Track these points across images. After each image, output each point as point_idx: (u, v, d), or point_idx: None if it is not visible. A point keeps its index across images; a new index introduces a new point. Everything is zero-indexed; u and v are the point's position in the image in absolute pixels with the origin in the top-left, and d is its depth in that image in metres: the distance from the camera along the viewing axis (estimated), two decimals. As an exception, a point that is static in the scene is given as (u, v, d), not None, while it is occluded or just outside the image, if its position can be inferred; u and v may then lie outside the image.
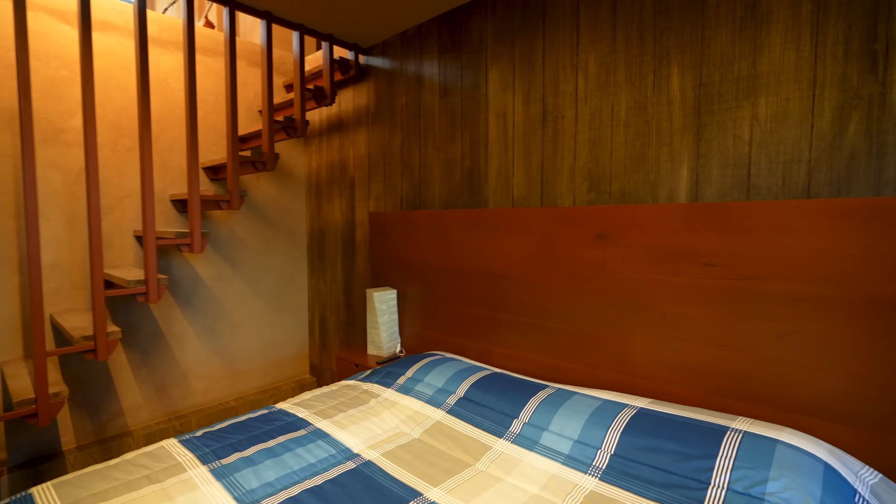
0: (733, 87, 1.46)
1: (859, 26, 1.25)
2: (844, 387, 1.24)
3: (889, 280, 1.17)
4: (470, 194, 2.21)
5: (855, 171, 1.27)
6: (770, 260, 1.33)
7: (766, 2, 1.38)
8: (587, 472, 1.16)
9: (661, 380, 1.55)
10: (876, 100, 1.23)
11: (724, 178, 1.49)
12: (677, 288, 1.51)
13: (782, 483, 0.99)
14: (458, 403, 1.52)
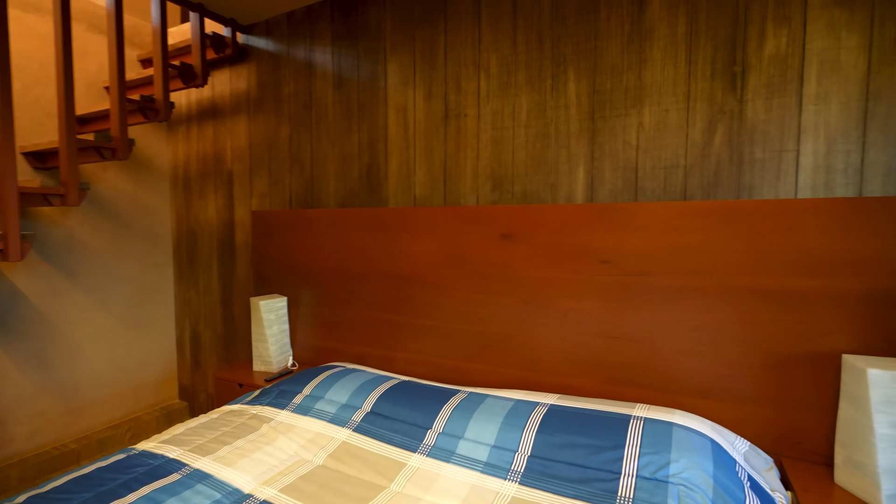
0: (622, 96, 1.56)
1: (723, 50, 1.42)
2: (716, 367, 1.39)
3: (748, 272, 1.34)
4: (369, 192, 2.08)
5: (720, 176, 1.44)
6: (657, 256, 1.45)
7: (649, 20, 1.50)
8: (507, 477, 1.13)
9: (565, 374, 1.60)
10: (735, 115, 1.41)
11: (615, 180, 1.59)
12: (578, 285, 1.57)
13: (682, 464, 1.07)
14: (365, 419, 1.39)
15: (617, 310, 1.51)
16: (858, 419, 1.13)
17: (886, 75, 1.24)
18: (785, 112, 1.35)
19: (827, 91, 1.30)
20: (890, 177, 1.25)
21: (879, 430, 1.08)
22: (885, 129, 1.25)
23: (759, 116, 1.38)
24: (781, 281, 1.30)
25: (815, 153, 1.33)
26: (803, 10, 1.32)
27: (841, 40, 1.28)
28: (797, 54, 1.33)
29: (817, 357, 1.27)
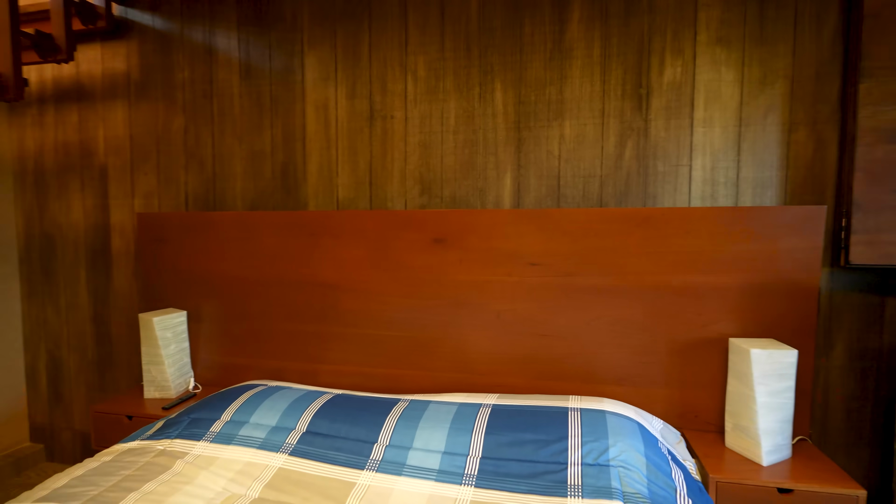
0: (546, 109, 1.67)
1: (631, 73, 1.59)
2: (631, 356, 1.56)
3: (656, 271, 1.52)
4: (285, 193, 1.93)
5: (630, 186, 1.62)
6: (581, 258, 1.57)
7: (569, 39, 1.63)
8: (462, 482, 1.13)
9: (497, 373, 1.66)
10: (642, 132, 1.60)
11: (540, 187, 1.69)
12: (509, 287, 1.63)
13: (618, 447, 1.17)
14: (302, 441, 1.28)
15: (546, 309, 1.61)
16: (743, 391, 1.35)
17: (753, 106, 1.51)
18: (680, 132, 1.57)
19: (711, 116, 1.54)
20: (757, 190, 1.52)
21: (760, 399, 1.31)
22: (753, 151, 1.52)
23: (660, 134, 1.58)
24: (682, 278, 1.50)
25: (703, 168, 1.56)
26: (693, 46, 1.54)
27: (721, 74, 1.53)
28: (689, 83, 1.55)
29: (709, 342, 1.50)
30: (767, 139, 1.51)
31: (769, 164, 1.51)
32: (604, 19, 1.59)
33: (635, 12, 1.57)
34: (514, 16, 1.66)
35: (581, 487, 1.08)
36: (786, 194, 1.51)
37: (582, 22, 1.61)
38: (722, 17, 1.51)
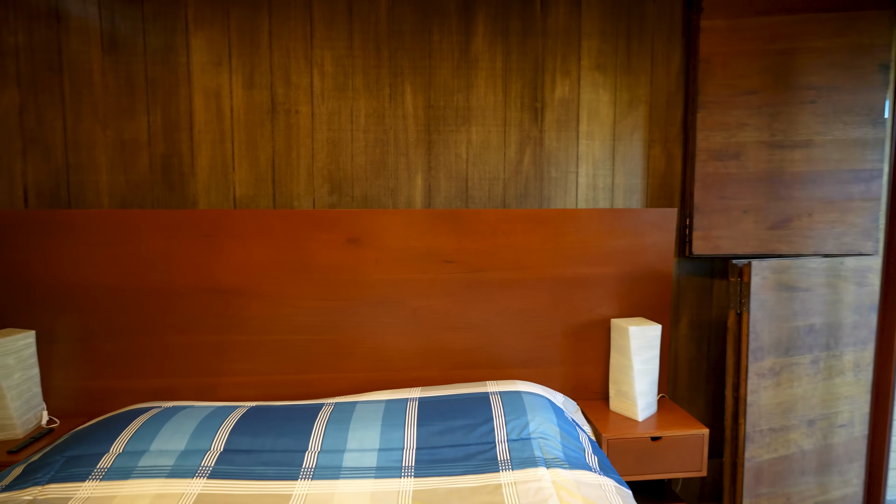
0: (454, 114, 1.76)
1: (529, 88, 1.77)
2: (533, 341, 1.74)
3: (554, 264, 1.73)
4: (167, 189, 1.71)
5: (529, 189, 1.80)
6: (490, 255, 1.70)
7: (475, 51, 1.74)
8: (401, 475, 1.17)
9: (414, 368, 1.71)
10: (538, 141, 1.79)
11: (450, 188, 1.78)
12: (424, 284, 1.70)
13: (536, 422, 1.32)
14: (222, 461, 1.18)
15: (459, 303, 1.71)
16: (623, 362, 1.63)
17: (623, 124, 1.81)
18: (568, 143, 1.80)
19: (592, 131, 1.80)
20: (627, 194, 1.83)
21: (636, 367, 1.59)
22: (624, 162, 1.81)
23: (553, 144, 1.79)
24: (573, 270, 1.73)
25: (587, 175, 1.81)
26: (578, 69, 1.78)
27: (599, 95, 1.79)
28: (575, 101, 1.79)
29: (595, 323, 1.76)
30: (633, 152, 1.82)
31: (635, 173, 1.83)
32: (505, 36, 1.74)
33: (531, 33, 1.75)
34: (423, 22, 1.72)
35: (510, 461, 1.20)
36: (647, 199, 1.84)
37: (486, 36, 1.74)
38: (600, 47, 1.78)
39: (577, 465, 1.20)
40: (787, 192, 1.67)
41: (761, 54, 1.64)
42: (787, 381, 1.55)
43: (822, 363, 1.59)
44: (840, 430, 1.65)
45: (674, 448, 1.53)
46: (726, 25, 1.64)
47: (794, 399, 1.56)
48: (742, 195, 1.69)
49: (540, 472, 1.15)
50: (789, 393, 1.56)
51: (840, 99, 1.63)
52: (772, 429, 1.54)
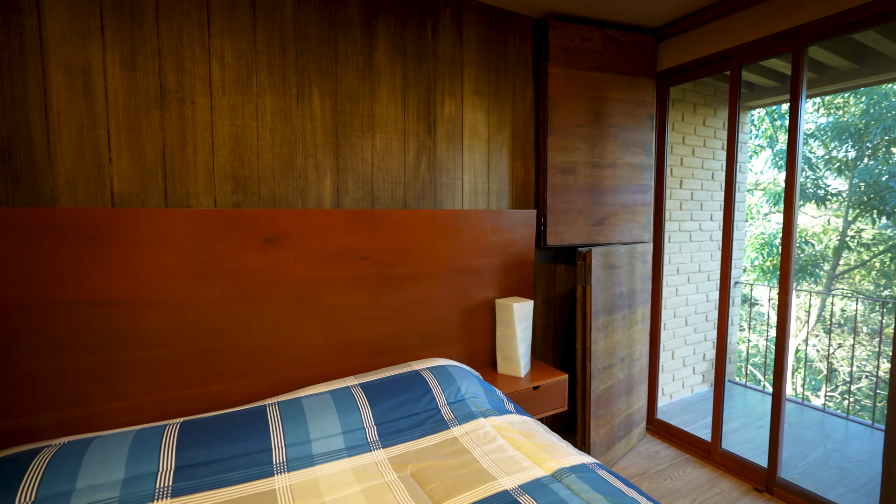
0: (360, 120, 1.89)
1: (424, 103, 2.02)
2: (438, 324, 2.01)
3: (451, 258, 2.02)
4: (10, 182, 1.37)
5: (425, 192, 2.05)
6: (400, 251, 1.90)
7: (377, 64, 1.90)
8: (372, 449, 1.29)
9: (334, 361, 1.78)
10: (432, 151, 2.06)
11: (357, 190, 1.90)
12: (342, 281, 1.78)
13: (465, 386, 1.60)
14: (180, 478, 1.09)
15: (374, 297, 1.85)
16: (507, 333, 2.03)
17: (494, 141, 2.22)
18: (455, 154, 2.12)
19: (473, 144, 2.16)
20: (499, 198, 2.25)
21: (518, 335, 2.01)
22: (496, 171, 2.23)
23: (443, 154, 2.09)
24: (466, 261, 2.06)
25: (469, 181, 2.16)
26: (461, 92, 2.11)
27: (477, 115, 2.16)
28: (459, 118, 2.12)
29: (483, 304, 2.13)
30: (502, 164, 2.25)
31: (504, 180, 2.26)
32: (403, 55, 1.95)
33: (425, 56, 2.00)
34: (329, 30, 1.80)
35: (455, 419, 1.45)
36: (512, 201, 2.30)
37: (387, 53, 1.92)
38: (477, 76, 2.15)
39: (503, 412, 1.52)
40: (602, 199, 2.34)
41: (586, 98, 2.26)
42: (611, 332, 2.20)
43: (627, 318, 2.30)
44: (636, 363, 2.40)
45: (547, 393, 2.00)
46: (565, 74, 2.21)
47: (614, 344, 2.22)
48: (576, 201, 2.29)
49: (481, 422, 1.43)
50: (612, 340, 2.21)
51: (628, 135, 2.38)
52: (604, 367, 2.16)
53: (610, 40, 2.29)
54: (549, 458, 1.23)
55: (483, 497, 1.07)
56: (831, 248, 6.06)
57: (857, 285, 6.13)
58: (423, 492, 1.12)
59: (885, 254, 5.81)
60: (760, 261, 6.24)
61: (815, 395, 5.64)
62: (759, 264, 6.23)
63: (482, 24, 2.14)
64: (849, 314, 5.85)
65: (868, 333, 5.55)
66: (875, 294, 5.91)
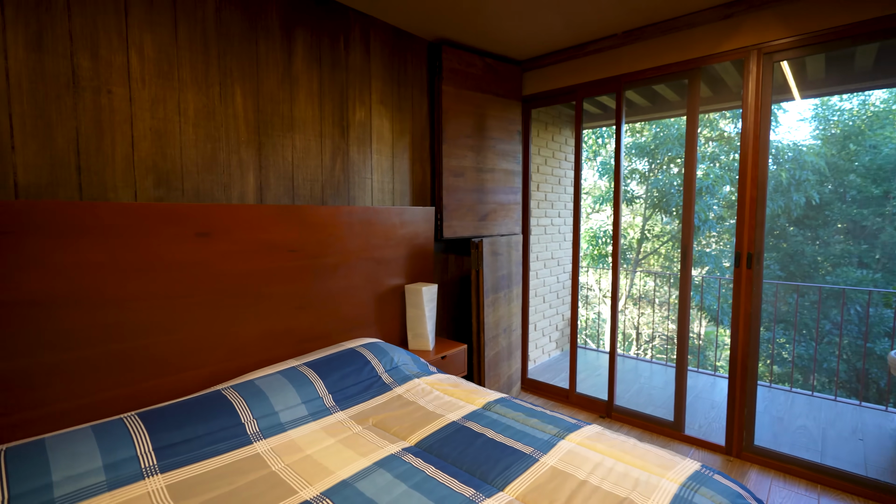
0: (280, 121, 2.00)
1: (338, 109, 2.21)
2: (357, 308, 2.22)
3: (367, 248, 2.25)
4: None
5: (340, 190, 2.24)
6: (324, 244, 2.06)
7: (296, 69, 2.03)
8: (332, 412, 1.49)
9: (266, 349, 1.87)
10: (345, 152, 2.25)
11: (279, 187, 2.01)
12: (273, 273, 1.88)
13: (396, 356, 1.88)
14: (164, 456, 1.15)
15: (302, 286, 1.99)
16: (417, 313, 2.35)
17: (398, 146, 2.51)
18: (365, 156, 2.35)
19: (381, 148, 2.42)
20: (402, 196, 2.54)
21: (427, 315, 2.35)
22: (399, 173, 2.52)
23: (355, 156, 2.30)
24: (380, 252, 2.31)
25: (378, 181, 2.42)
26: (370, 101, 2.35)
27: (383, 123, 2.43)
28: (368, 124, 2.35)
29: (393, 290, 2.40)
30: (404, 167, 2.56)
31: (405, 181, 2.57)
32: (319, 64, 2.12)
33: (338, 66, 2.19)
34: (251, 33, 1.88)
35: (395, 382, 1.72)
36: (412, 199, 2.62)
37: (305, 60, 2.06)
38: (382, 88, 2.41)
39: (431, 374, 1.84)
40: (485, 199, 2.81)
41: (472, 114, 2.70)
42: (497, 307, 2.68)
43: (507, 296, 2.82)
44: (514, 333, 2.94)
45: (452, 361, 2.38)
46: (455, 92, 2.61)
47: (499, 318, 2.71)
48: (466, 199, 2.71)
49: (416, 382, 1.73)
50: (498, 314, 2.69)
51: (503, 146, 2.90)
52: (492, 336, 2.63)
53: (488, 67, 2.77)
54: (478, 397, 1.59)
55: (438, 427, 1.38)
56: (635, 239, 7.80)
57: (651, 267, 8.01)
58: (389, 434, 1.37)
59: (668, 243, 7.72)
60: (590, 250, 7.69)
61: (628, 350, 7.24)
62: (588, 252, 7.67)
63: (386, 42, 2.41)
64: (647, 289, 7.61)
65: (660, 303, 7.33)
66: (664, 272, 7.80)
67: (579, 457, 1.24)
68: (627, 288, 7.23)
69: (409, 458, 1.23)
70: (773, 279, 6.71)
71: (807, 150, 6.85)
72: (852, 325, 5.93)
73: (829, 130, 6.94)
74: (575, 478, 1.15)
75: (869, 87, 3.25)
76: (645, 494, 1.09)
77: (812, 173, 6.54)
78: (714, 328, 6.93)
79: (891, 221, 6.25)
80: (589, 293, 7.27)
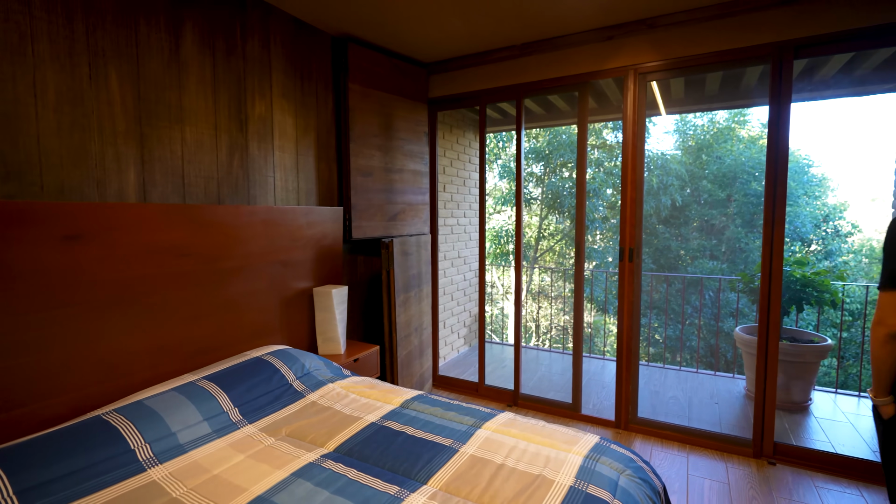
0: (167, 111, 1.80)
1: (235, 101, 2.05)
2: (262, 314, 2.08)
3: (273, 251, 2.12)
4: None
5: (239, 188, 2.09)
6: (222, 246, 1.90)
7: (185, 54, 1.85)
8: (240, 426, 1.38)
9: (151, 366, 1.66)
10: (244, 148, 2.10)
11: (166, 184, 1.81)
12: (161, 279, 1.69)
13: (308, 362, 1.80)
14: (27, 499, 0.99)
15: (197, 294, 1.81)
16: (327, 317, 2.28)
17: (302, 143, 2.40)
18: (267, 152, 2.21)
19: (283, 145, 2.29)
20: (307, 196, 2.44)
21: (337, 318, 2.28)
22: (304, 171, 2.42)
23: (255, 152, 2.16)
24: (285, 255, 2.19)
25: (281, 179, 2.29)
26: (271, 94, 2.22)
27: (286, 118, 2.31)
28: (269, 119, 2.22)
29: (301, 294, 2.29)
30: (310, 165, 2.45)
31: (311, 180, 2.47)
32: (212, 50, 1.95)
33: (234, 54, 2.04)
34: (128, 9, 1.67)
35: (308, 388, 1.65)
36: (319, 199, 2.52)
37: (196, 44, 1.88)
38: (284, 81, 2.29)
39: (345, 377, 1.80)
40: (394, 199, 2.81)
41: (380, 114, 2.68)
42: (408, 307, 2.69)
43: (417, 295, 2.84)
44: (425, 332, 2.98)
45: (365, 363, 2.34)
46: (362, 90, 2.57)
47: (410, 317, 2.73)
48: (375, 199, 2.69)
49: (330, 386, 1.68)
50: (409, 314, 2.71)
51: (411, 147, 2.92)
52: (405, 335, 2.64)
53: (396, 67, 2.77)
54: (395, 396, 1.59)
55: (358, 430, 1.35)
56: (533, 237, 8.35)
57: (546, 264, 8.64)
58: (306, 442, 1.31)
59: (562, 241, 8.39)
60: (493, 249, 8.06)
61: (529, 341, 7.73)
62: (492, 251, 8.03)
63: (287, 33, 2.29)
64: (545, 284, 8.20)
65: (555, 297, 7.94)
66: (558, 268, 8.47)
67: (496, 443, 1.31)
68: (527, 283, 7.70)
69: (330, 464, 1.19)
70: (648, 271, 7.65)
71: (671, 159, 7.92)
72: (707, 309, 6.99)
73: (687, 142, 8.10)
74: (493, 462, 1.21)
75: (716, 108, 3.86)
76: (555, 469, 1.18)
77: (676, 179, 7.57)
78: (601, 317, 7.70)
79: (733, 220, 7.50)
80: (492, 290, 7.62)
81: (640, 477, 1.21)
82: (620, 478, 1.17)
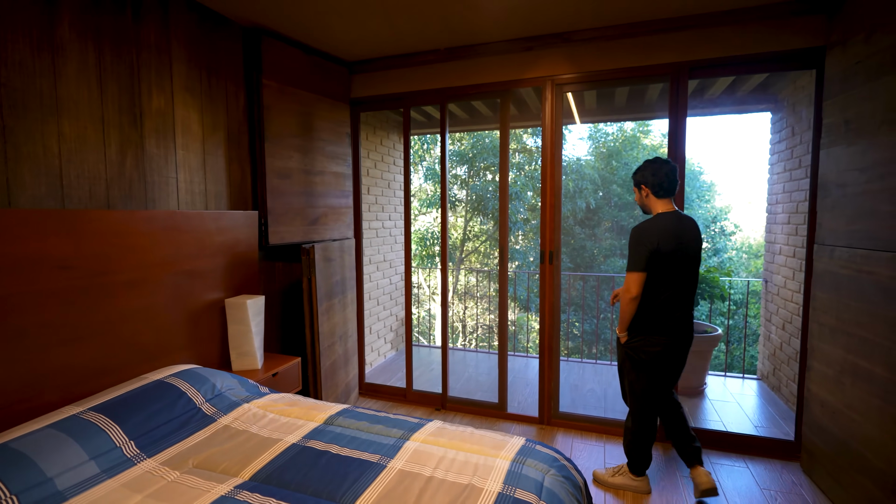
0: (38, 100, 1.55)
1: (127, 93, 1.82)
2: (160, 334, 1.87)
3: (176, 261, 1.91)
4: None
5: (134, 191, 1.86)
6: (115, 257, 1.67)
7: (61, 35, 1.60)
8: (136, 462, 1.21)
9: (21, 401, 1.42)
10: (139, 145, 1.88)
11: (38, 185, 1.56)
12: (32, 296, 1.44)
13: (219, 382, 1.64)
14: None
15: (80, 312, 1.57)
16: (242, 330, 2.11)
17: (210, 142, 2.20)
18: (168, 151, 2.00)
19: (187, 143, 2.09)
20: (217, 199, 2.24)
21: (254, 330, 2.12)
22: (213, 172, 2.22)
23: (154, 150, 1.93)
24: (191, 264, 1.99)
25: (185, 181, 2.08)
26: (171, 86, 2.00)
27: (190, 114, 2.10)
28: (170, 114, 2.01)
29: (211, 306, 2.10)
30: (219, 165, 2.26)
31: (221, 182, 2.27)
32: (97, 33, 1.71)
33: (126, 40, 1.81)
34: (-16, -21, 1.41)
35: (219, 411, 1.50)
36: (230, 203, 2.33)
37: (76, 25, 1.64)
38: (188, 73, 2.08)
39: (262, 395, 1.67)
40: (315, 202, 2.68)
41: (298, 113, 2.54)
42: (332, 315, 2.58)
43: (341, 302, 2.74)
44: (350, 339, 2.87)
45: (285, 377, 2.20)
46: (278, 87, 2.41)
47: (334, 325, 2.62)
48: (294, 203, 2.54)
49: (246, 407, 1.55)
50: (333, 322, 2.59)
51: (333, 149, 2.81)
52: (328, 345, 2.52)
53: (316, 65, 2.64)
54: (319, 412, 1.50)
55: (277, 454, 1.25)
56: (459, 239, 8.47)
57: (472, 265, 8.81)
58: (217, 473, 1.18)
59: (486, 242, 8.60)
60: (419, 251, 8.04)
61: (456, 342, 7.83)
62: (417, 253, 8.01)
63: (190, 20, 2.09)
64: (470, 285, 8.35)
65: (480, 297, 8.12)
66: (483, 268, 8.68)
67: (424, 454, 1.28)
68: (453, 284, 7.80)
69: (245, 496, 1.08)
70: (566, 270, 8.10)
71: (585, 164, 8.45)
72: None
73: (599, 149, 8.69)
74: (422, 476, 1.18)
75: (624, 119, 4.17)
76: (484, 476, 1.18)
77: (590, 183, 8.09)
78: (524, 315, 8.00)
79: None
80: (419, 291, 7.61)
81: (563, 475, 1.24)
82: (545, 478, 1.20)
